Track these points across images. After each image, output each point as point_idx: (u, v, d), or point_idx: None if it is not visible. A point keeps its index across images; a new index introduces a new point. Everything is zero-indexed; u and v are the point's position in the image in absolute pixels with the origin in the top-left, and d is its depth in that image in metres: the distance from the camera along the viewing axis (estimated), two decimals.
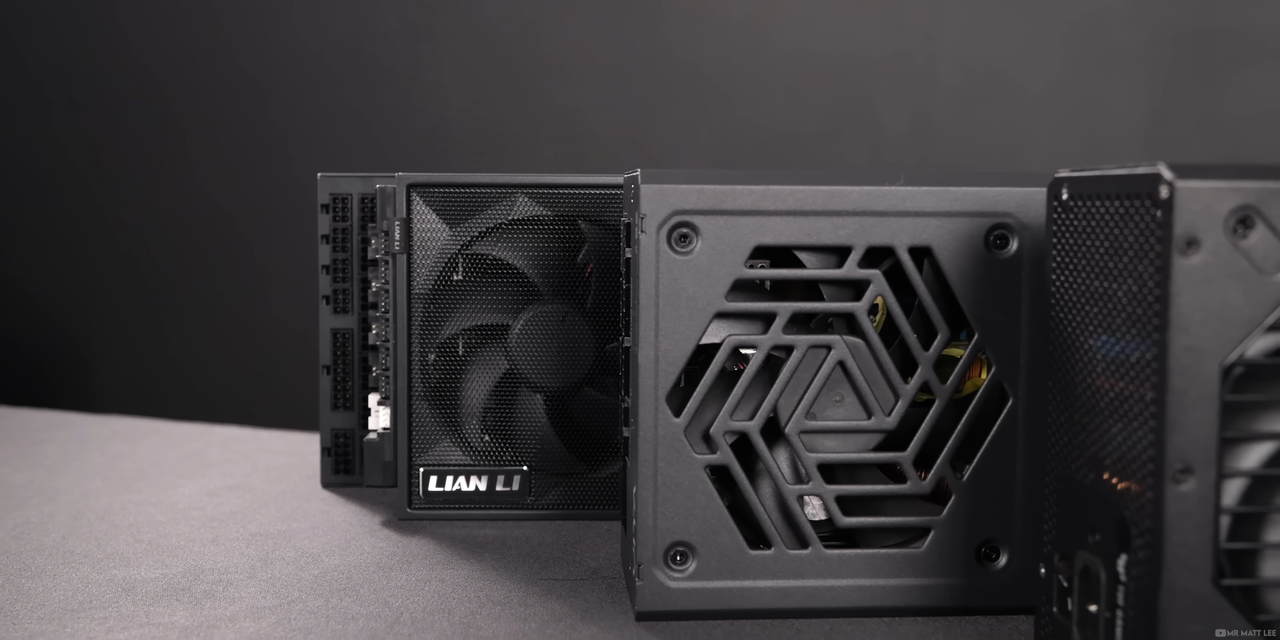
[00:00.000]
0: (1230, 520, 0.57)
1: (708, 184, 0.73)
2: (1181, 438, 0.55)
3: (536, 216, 0.98)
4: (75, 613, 0.76)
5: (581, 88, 1.74)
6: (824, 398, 0.76)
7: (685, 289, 0.74)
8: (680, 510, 0.75)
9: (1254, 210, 0.55)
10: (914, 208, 0.74)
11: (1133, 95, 1.55)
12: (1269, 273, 0.55)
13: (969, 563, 0.76)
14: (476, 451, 0.99)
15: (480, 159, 1.74)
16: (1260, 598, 0.57)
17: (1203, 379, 0.55)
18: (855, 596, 0.76)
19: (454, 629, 0.74)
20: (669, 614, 0.75)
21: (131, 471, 1.16)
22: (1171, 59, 1.54)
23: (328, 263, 1.06)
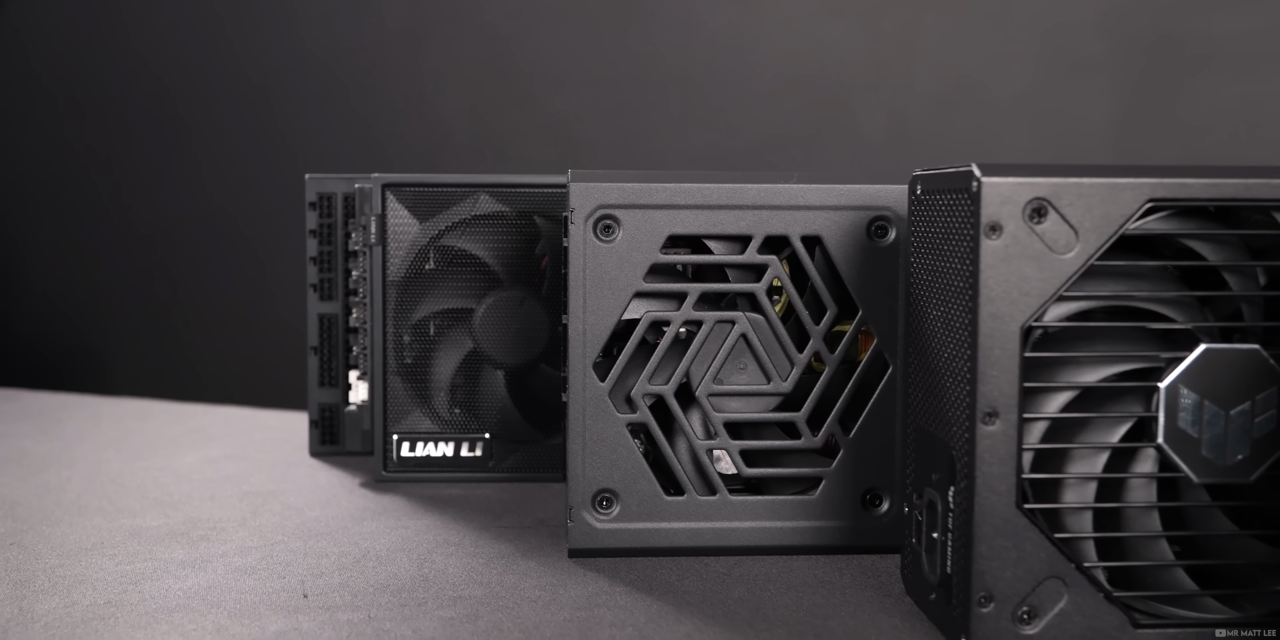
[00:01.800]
0: (1032, 456, 0.69)
1: (627, 182, 0.86)
2: (988, 387, 0.67)
3: (497, 213, 1.10)
4: (89, 551, 0.89)
5: (575, 94, 1.79)
6: (729, 365, 0.88)
7: (609, 272, 0.86)
8: (605, 462, 0.87)
9: (1046, 201, 0.67)
10: (805, 202, 0.87)
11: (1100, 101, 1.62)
12: (1060, 253, 0.67)
13: (855, 508, 0.89)
14: (444, 421, 1.11)
15: (477, 161, 1.83)
16: (1059, 519, 0.70)
17: (1005, 339, 0.67)
18: (756, 537, 0.88)
19: (412, 563, 0.87)
20: (596, 551, 0.88)
21: (140, 444, 1.29)
22: (1136, 67, 1.59)
23: (314, 255, 1.19)
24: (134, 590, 0.80)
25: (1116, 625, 0.69)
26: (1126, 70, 1.54)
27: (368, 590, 0.81)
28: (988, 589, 0.68)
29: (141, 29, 1.95)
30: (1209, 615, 0.70)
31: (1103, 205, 0.67)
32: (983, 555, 0.68)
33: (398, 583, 0.82)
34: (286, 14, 1.88)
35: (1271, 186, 0.68)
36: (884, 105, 1.68)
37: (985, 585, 0.68)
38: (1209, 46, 1.50)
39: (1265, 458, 0.68)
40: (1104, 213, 0.67)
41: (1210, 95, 1.53)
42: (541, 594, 0.80)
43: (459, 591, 0.80)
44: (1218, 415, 0.68)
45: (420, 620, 0.75)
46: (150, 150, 1.97)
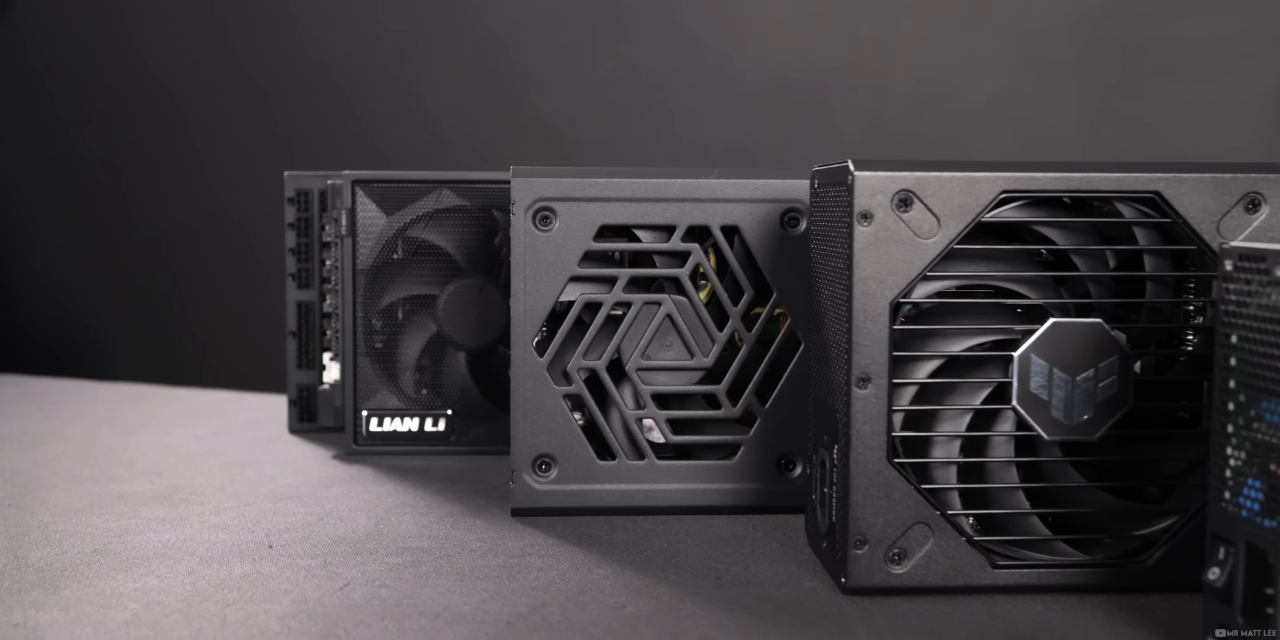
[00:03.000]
0: (903, 416, 0.78)
1: (563, 177, 0.95)
2: (861, 356, 0.77)
3: (458, 206, 1.20)
4: (80, 511, 0.99)
5: (565, 95, 1.83)
6: (657, 343, 0.97)
7: (547, 258, 0.96)
8: (544, 429, 0.96)
9: (912, 193, 0.76)
10: (725, 195, 0.96)
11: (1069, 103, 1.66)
12: (924, 237, 0.77)
13: (770, 472, 0.98)
14: (410, 398, 1.21)
15: (470, 160, 1.87)
16: (928, 473, 0.79)
17: (876, 314, 0.77)
18: (681, 497, 0.98)
19: (369, 521, 0.96)
20: (536, 511, 0.97)
21: (133, 422, 1.39)
22: (1104, 70, 1.62)
23: (293, 246, 1.29)
24: (118, 542, 0.90)
25: (976, 565, 0.78)
26: (1094, 73, 1.59)
27: (326, 542, 0.90)
28: (863, 533, 0.78)
29: (144, 33, 2.04)
30: (1060, 557, 0.79)
31: (961, 196, 0.76)
32: (858, 504, 0.78)
33: (354, 536, 0.92)
34: (285, 19, 1.96)
35: (1109, 179, 0.77)
36: (862, 106, 1.73)
37: (860, 530, 0.78)
38: (1173, 51, 1.55)
39: (1108, 418, 0.78)
40: (962, 202, 0.77)
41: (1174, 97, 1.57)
42: (481, 545, 0.89)
43: (408, 543, 0.90)
44: (1065, 381, 0.77)
45: (369, 565, 0.84)
46: (151, 150, 2.05)
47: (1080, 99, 1.61)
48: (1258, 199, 0.78)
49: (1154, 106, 1.58)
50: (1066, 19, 1.59)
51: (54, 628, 0.72)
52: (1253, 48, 1.50)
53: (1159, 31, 1.55)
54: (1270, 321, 0.62)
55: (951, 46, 1.65)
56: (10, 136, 2.13)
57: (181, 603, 0.76)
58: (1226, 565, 0.65)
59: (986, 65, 1.63)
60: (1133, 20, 1.56)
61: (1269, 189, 0.78)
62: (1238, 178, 0.77)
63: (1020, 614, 0.75)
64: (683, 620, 0.74)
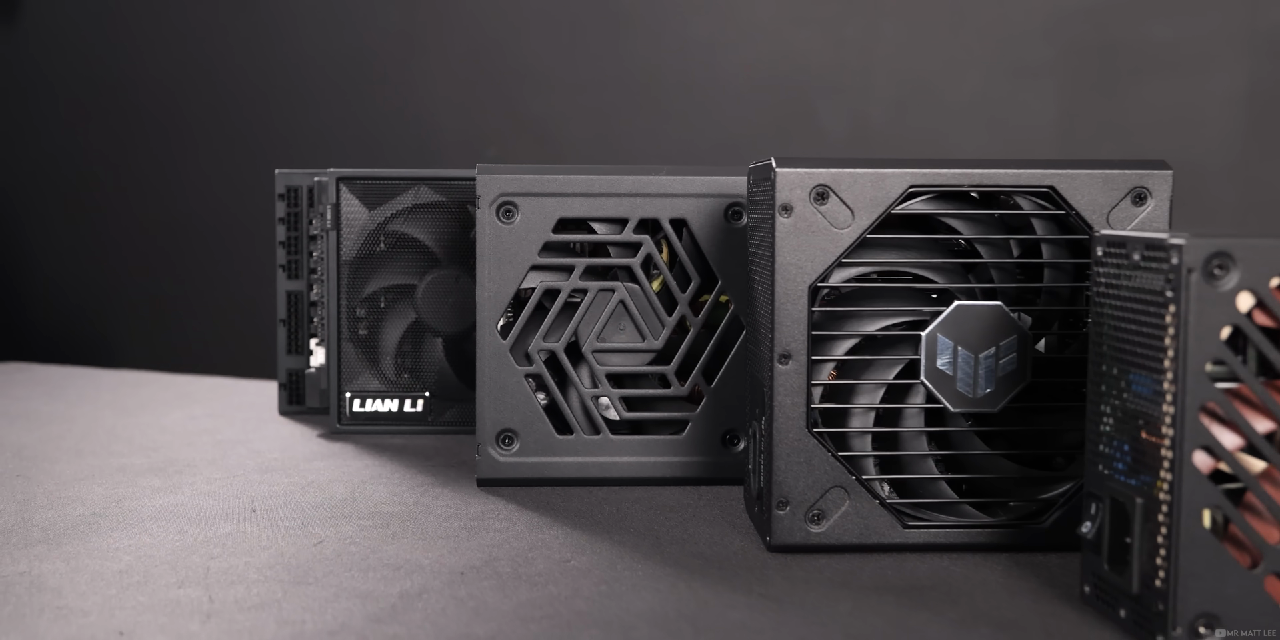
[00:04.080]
0: (822, 390, 0.86)
1: (524, 174, 1.03)
2: (782, 334, 0.85)
3: (436, 202, 1.28)
4: (81, 480, 1.07)
5: (557, 95, 1.89)
6: (611, 326, 1.05)
7: (509, 248, 1.04)
8: (507, 406, 1.05)
9: (828, 187, 0.84)
10: (673, 191, 1.04)
11: (1046, 103, 1.68)
12: (839, 228, 0.85)
13: (716, 446, 1.06)
14: (390, 381, 1.29)
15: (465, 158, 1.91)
16: (845, 441, 0.87)
17: (796, 297, 0.85)
18: (634, 469, 1.06)
19: (346, 490, 1.04)
20: (500, 481, 1.05)
21: (133, 405, 1.48)
22: (1080, 71, 1.64)
23: (283, 239, 1.37)
24: (115, 506, 0.98)
25: (888, 525, 0.86)
26: (1070, 74, 1.64)
27: (305, 507, 0.98)
28: (785, 496, 0.86)
29: (147, 37, 2.12)
30: (965, 519, 0.87)
31: (873, 190, 0.85)
32: (780, 469, 0.86)
33: (331, 502, 1.00)
34: (284, 23, 2.02)
35: (1007, 174, 0.85)
36: (846, 107, 1.77)
37: (783, 493, 0.86)
38: (1147, 52, 1.60)
39: (1008, 392, 0.86)
40: (873, 196, 0.85)
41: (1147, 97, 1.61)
42: (446, 511, 0.98)
43: (379, 508, 0.98)
44: (969, 358, 0.86)
45: (343, 526, 0.93)
46: (153, 150, 2.14)
47: (1057, 99, 1.66)
48: (1144, 193, 0.86)
49: (1128, 106, 1.63)
50: (1043, 22, 1.64)
51: (55, 575, 0.80)
52: (1222, 50, 1.55)
53: (1132, 34, 1.60)
54: (1134, 302, 0.70)
55: (932, 49, 1.71)
56: (17, 136, 2.22)
57: (170, 556, 0.85)
58: (1096, 519, 0.73)
59: (966, 67, 1.69)
60: (1107, 23, 1.61)
61: (1154, 184, 0.86)
62: (1125, 173, 0.85)
63: (925, 568, 0.83)
64: (619, 572, 0.82)
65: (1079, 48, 1.63)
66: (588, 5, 1.87)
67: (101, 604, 0.75)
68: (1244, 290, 0.66)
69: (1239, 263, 0.66)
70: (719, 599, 0.77)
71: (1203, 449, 0.66)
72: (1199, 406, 0.66)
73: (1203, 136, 1.56)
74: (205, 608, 0.74)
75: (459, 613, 0.74)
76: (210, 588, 0.78)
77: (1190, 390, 0.66)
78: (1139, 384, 0.70)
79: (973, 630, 0.72)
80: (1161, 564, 0.68)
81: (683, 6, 1.82)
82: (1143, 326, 0.69)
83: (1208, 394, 0.66)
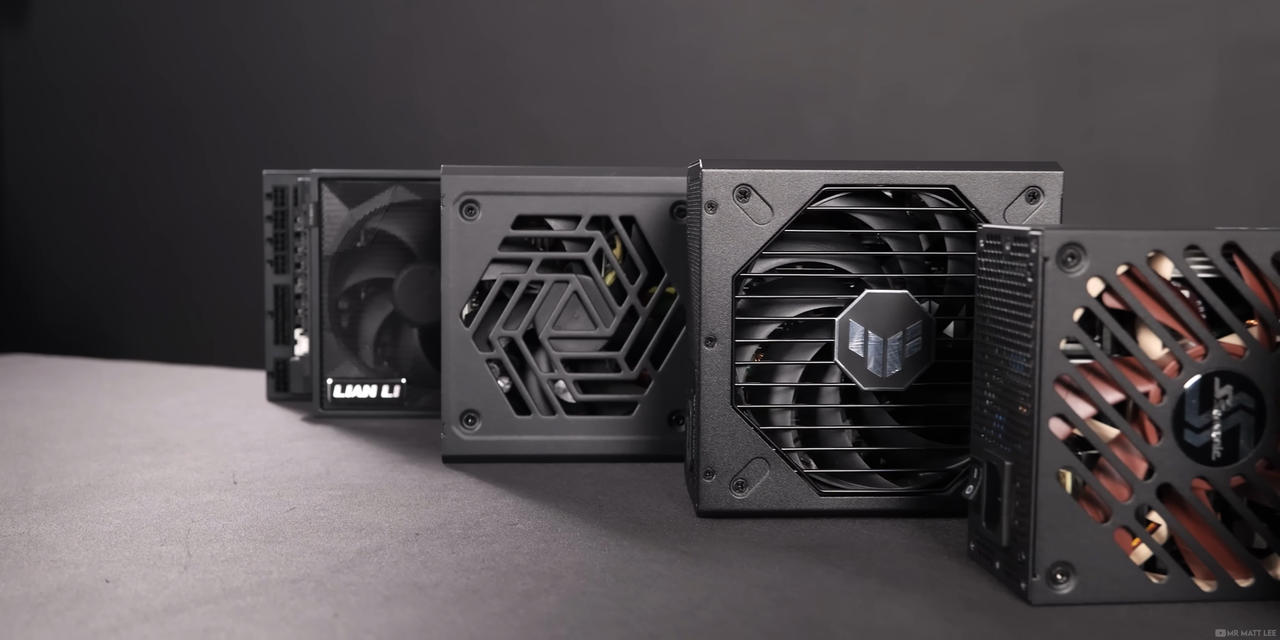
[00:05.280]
0: (746, 370, 0.95)
1: (485, 174, 1.12)
2: (708, 319, 0.94)
3: (412, 201, 1.37)
4: (79, 457, 1.16)
5: (551, 99, 1.95)
6: (566, 315, 1.14)
7: (471, 243, 1.13)
8: (470, 389, 1.14)
9: (750, 186, 0.93)
10: (623, 190, 1.13)
11: (1023, 107, 1.69)
12: (760, 223, 0.93)
13: (663, 426, 1.15)
14: (369, 369, 1.38)
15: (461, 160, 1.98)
16: (766, 416, 0.96)
17: (721, 285, 0.93)
18: (587, 447, 1.14)
19: (322, 466, 1.13)
20: (463, 458, 1.14)
21: (131, 392, 1.57)
22: (1056, 76, 1.68)
23: (270, 236, 1.46)
24: (109, 479, 1.07)
25: (806, 492, 0.95)
26: (1047, 79, 1.69)
27: (282, 480, 1.08)
28: (711, 466, 0.95)
29: (153, 42, 2.20)
30: (876, 488, 0.96)
31: (790, 189, 0.93)
32: (707, 442, 0.94)
33: (306, 475, 1.09)
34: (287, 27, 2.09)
35: (912, 174, 0.94)
36: (829, 111, 1.83)
37: (709, 463, 0.95)
38: (1122, 57, 1.64)
39: (914, 372, 0.94)
40: (791, 194, 0.93)
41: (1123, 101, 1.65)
42: (411, 483, 1.07)
43: (350, 481, 1.07)
44: (879, 341, 0.94)
45: (315, 496, 1.02)
46: (155, 152, 2.23)
47: (1034, 103, 1.71)
48: (1037, 191, 0.94)
49: (1104, 110, 1.67)
50: (1022, 28, 1.69)
51: (50, 535, 0.89)
52: (1194, 55, 1.59)
53: (1107, 41, 1.66)
54: (1007, 288, 0.79)
55: (914, 54, 1.76)
56: (25, 138, 2.31)
57: (156, 520, 0.94)
58: (977, 483, 0.82)
59: (946, 72, 1.74)
60: (1083, 30, 1.67)
61: (1046, 183, 0.94)
62: (1019, 174, 0.94)
63: (836, 531, 0.92)
64: (558, 534, 0.91)
65: (1055, 54, 1.69)
66: (582, 11, 1.92)
67: (91, 558, 0.84)
68: (1094, 276, 0.75)
69: (1089, 252, 0.74)
70: (644, 555, 0.86)
71: (1058, 417, 0.75)
72: (1055, 379, 0.75)
73: (1174, 139, 1.62)
74: (183, 560, 0.83)
75: (409, 565, 0.83)
76: (189, 545, 0.87)
77: (1046, 365, 0.75)
78: (1015, 362, 0.79)
79: (864, 580, 0.81)
80: (1025, 520, 0.76)
81: (674, 13, 1.87)
82: (1014, 310, 0.78)
83: (1062, 368, 0.75)
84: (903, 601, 0.77)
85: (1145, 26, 1.64)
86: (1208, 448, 0.75)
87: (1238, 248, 0.75)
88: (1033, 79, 1.70)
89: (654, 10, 1.89)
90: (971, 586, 0.79)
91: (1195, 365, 0.75)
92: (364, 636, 0.70)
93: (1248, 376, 0.75)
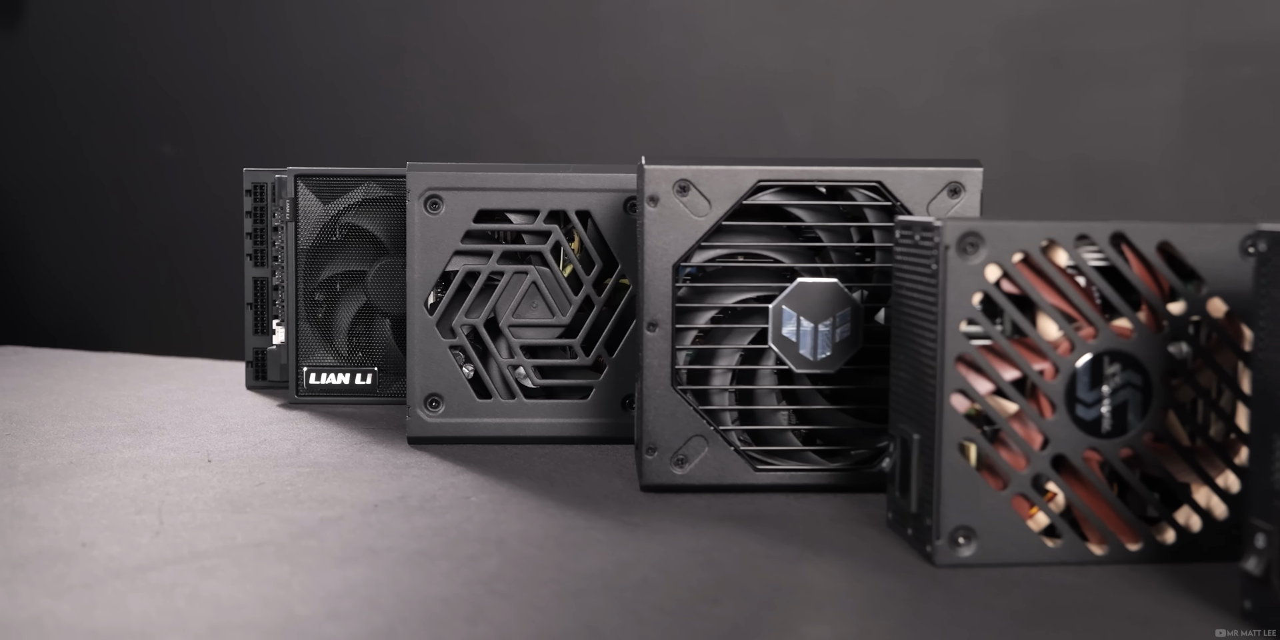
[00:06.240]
0: (687, 354, 1.02)
1: (448, 171, 1.19)
2: (650, 306, 1.00)
3: (383, 197, 1.43)
4: (62, 438, 1.23)
5: (536, 101, 2.01)
6: (525, 304, 1.21)
7: (435, 235, 1.19)
8: (433, 374, 1.20)
9: (689, 181, 1.00)
10: (578, 186, 1.19)
11: (996, 109, 1.75)
12: (698, 216, 1.00)
13: (617, 409, 1.21)
14: (343, 357, 1.44)
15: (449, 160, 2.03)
16: (706, 397, 1.02)
17: (662, 274, 1.00)
18: (545, 429, 1.21)
19: (293, 446, 1.20)
20: (428, 439, 1.20)
21: (116, 381, 1.63)
22: (1028, 79, 1.72)
23: (250, 231, 1.52)
24: (90, 458, 1.14)
25: (742, 468, 1.01)
26: (1020, 82, 1.74)
27: (254, 459, 1.14)
28: (653, 443, 1.01)
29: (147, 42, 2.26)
30: (808, 464, 1.02)
31: (726, 184, 1.00)
32: (649, 420, 1.01)
33: (278, 455, 1.15)
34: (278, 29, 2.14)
35: (841, 171, 1.00)
36: (808, 112, 1.88)
37: (651, 440, 1.01)
38: (1092, 62, 1.69)
39: (844, 356, 1.01)
40: (727, 189, 1.00)
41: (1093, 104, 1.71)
42: (376, 462, 1.13)
43: (318, 460, 1.14)
44: (810, 327, 1.01)
45: (284, 472, 1.08)
46: (150, 152, 2.29)
47: (1007, 106, 1.77)
48: (958, 187, 1.01)
49: (1075, 112, 1.73)
50: (995, 33, 1.74)
51: (33, 506, 0.96)
52: (1162, 60, 1.65)
53: (1078, 45, 1.71)
54: (918, 274, 0.85)
55: (890, 58, 1.81)
56: (17, 137, 2.37)
57: (132, 493, 1.00)
58: (893, 456, 0.88)
59: (922, 75, 1.80)
60: (1055, 34, 1.72)
61: (967, 179, 1.01)
62: (941, 170, 1.01)
63: (769, 504, 0.99)
64: (509, 506, 0.98)
65: (1028, 58, 1.73)
66: (568, 14, 1.97)
67: (70, 525, 0.90)
68: (992, 263, 0.81)
69: (987, 241, 0.81)
70: (586, 523, 0.92)
71: (959, 392, 0.82)
72: (956, 358, 0.81)
73: (1143, 141, 1.67)
74: (155, 528, 0.90)
75: (366, 532, 0.89)
76: (162, 515, 0.93)
77: (948, 344, 0.81)
78: (923, 343, 0.85)
79: (787, 546, 0.87)
80: (930, 489, 0.83)
81: (658, 17, 1.92)
82: (922, 294, 0.84)
83: (962, 348, 0.81)
84: (818, 564, 0.83)
85: (1115, 32, 1.69)
86: (1098, 421, 0.82)
87: (1125, 237, 0.82)
88: (1006, 82, 1.75)
89: (638, 14, 1.94)
90: (885, 552, 0.86)
91: (1086, 345, 0.82)
92: (317, 591, 0.76)
93: (1135, 356, 0.82)
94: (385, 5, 2.09)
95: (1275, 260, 0.70)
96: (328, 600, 0.75)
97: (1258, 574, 0.70)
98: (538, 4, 2.00)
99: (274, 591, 0.76)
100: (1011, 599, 0.76)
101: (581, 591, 0.77)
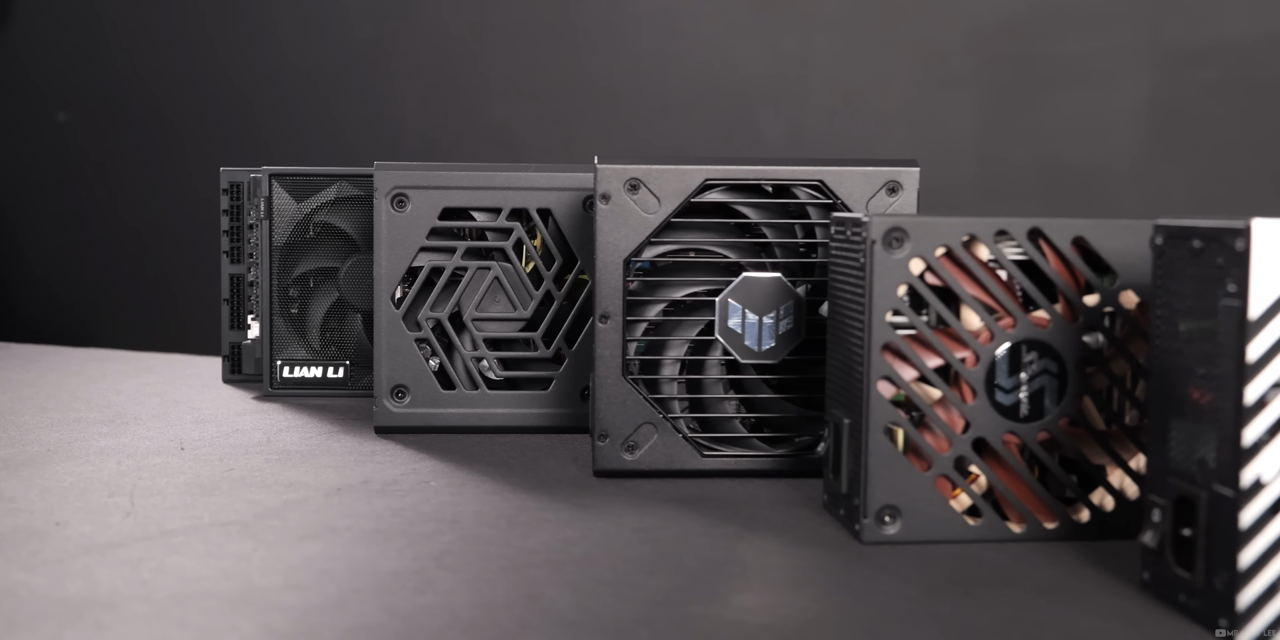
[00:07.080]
0: (637, 346, 1.06)
1: (414, 170, 1.23)
2: (603, 298, 1.05)
3: (354, 195, 1.48)
4: (41, 428, 1.27)
5: (516, 103, 2.05)
6: (488, 298, 1.25)
7: (401, 232, 1.24)
8: (400, 365, 1.25)
9: (639, 180, 1.04)
10: (539, 185, 1.24)
11: (967, 112, 1.78)
12: (648, 213, 1.05)
13: (576, 400, 1.26)
14: (316, 351, 1.49)
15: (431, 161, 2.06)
16: (656, 386, 1.07)
17: (614, 268, 1.05)
18: (508, 419, 1.25)
19: (264, 436, 1.24)
20: (394, 429, 1.25)
21: (96, 375, 1.67)
22: (999, 82, 1.75)
23: (226, 229, 1.57)
24: (67, 446, 1.18)
25: (690, 454, 1.06)
26: (991, 85, 1.77)
27: (226, 447, 1.18)
28: (605, 430, 1.06)
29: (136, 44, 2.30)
30: (753, 451, 1.07)
31: (675, 183, 1.05)
32: (601, 408, 1.06)
33: (248, 443, 1.20)
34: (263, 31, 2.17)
35: (785, 170, 1.05)
36: (783, 115, 1.91)
37: (603, 427, 1.06)
38: (1061, 65, 1.72)
39: (787, 347, 1.06)
40: (676, 187, 1.05)
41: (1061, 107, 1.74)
42: (342, 449, 1.18)
43: (289, 448, 1.18)
44: (755, 320, 1.05)
45: (253, 459, 1.13)
46: (136, 153, 2.33)
47: (978, 108, 1.80)
48: (896, 185, 1.06)
49: (1044, 115, 1.76)
50: (965, 38, 1.77)
51: (10, 490, 1.00)
52: (1128, 63, 1.68)
53: (1047, 49, 1.74)
54: (849, 268, 0.90)
55: (863, 61, 1.84)
56: (2, 136, 2.41)
57: (106, 478, 1.05)
58: (827, 440, 0.93)
59: (894, 78, 1.82)
60: (1025, 38, 1.75)
61: (904, 178, 1.06)
62: (880, 170, 1.05)
63: (715, 488, 1.03)
64: (466, 490, 1.02)
65: (998, 61, 1.77)
66: (547, 18, 2.01)
67: (44, 507, 0.95)
68: (915, 257, 0.86)
69: (911, 236, 0.86)
70: (538, 505, 0.97)
71: (885, 379, 0.86)
72: (882, 346, 0.86)
73: (1109, 143, 1.71)
74: (126, 509, 0.94)
75: (328, 513, 0.94)
76: (134, 498, 0.98)
77: (875, 333, 0.86)
78: (853, 333, 0.90)
79: (726, 526, 0.92)
80: (858, 470, 0.87)
81: (633, 20, 1.95)
82: (854, 287, 0.89)
83: (888, 336, 0.86)
84: (752, 541, 0.88)
85: (1083, 37, 1.73)
86: (1016, 406, 0.87)
87: (1042, 233, 0.87)
88: (976, 85, 1.78)
89: (616, 17, 1.98)
90: (818, 530, 0.91)
91: (1005, 334, 0.86)
92: (277, 565, 0.81)
93: (1051, 344, 0.87)
94: (367, 7, 2.13)
95: (1170, 252, 0.75)
96: (286, 573, 0.80)
97: (1154, 546, 0.75)
98: (518, 7, 2.04)
99: (236, 565, 0.81)
100: (929, 572, 0.81)
101: (526, 565, 0.81)
